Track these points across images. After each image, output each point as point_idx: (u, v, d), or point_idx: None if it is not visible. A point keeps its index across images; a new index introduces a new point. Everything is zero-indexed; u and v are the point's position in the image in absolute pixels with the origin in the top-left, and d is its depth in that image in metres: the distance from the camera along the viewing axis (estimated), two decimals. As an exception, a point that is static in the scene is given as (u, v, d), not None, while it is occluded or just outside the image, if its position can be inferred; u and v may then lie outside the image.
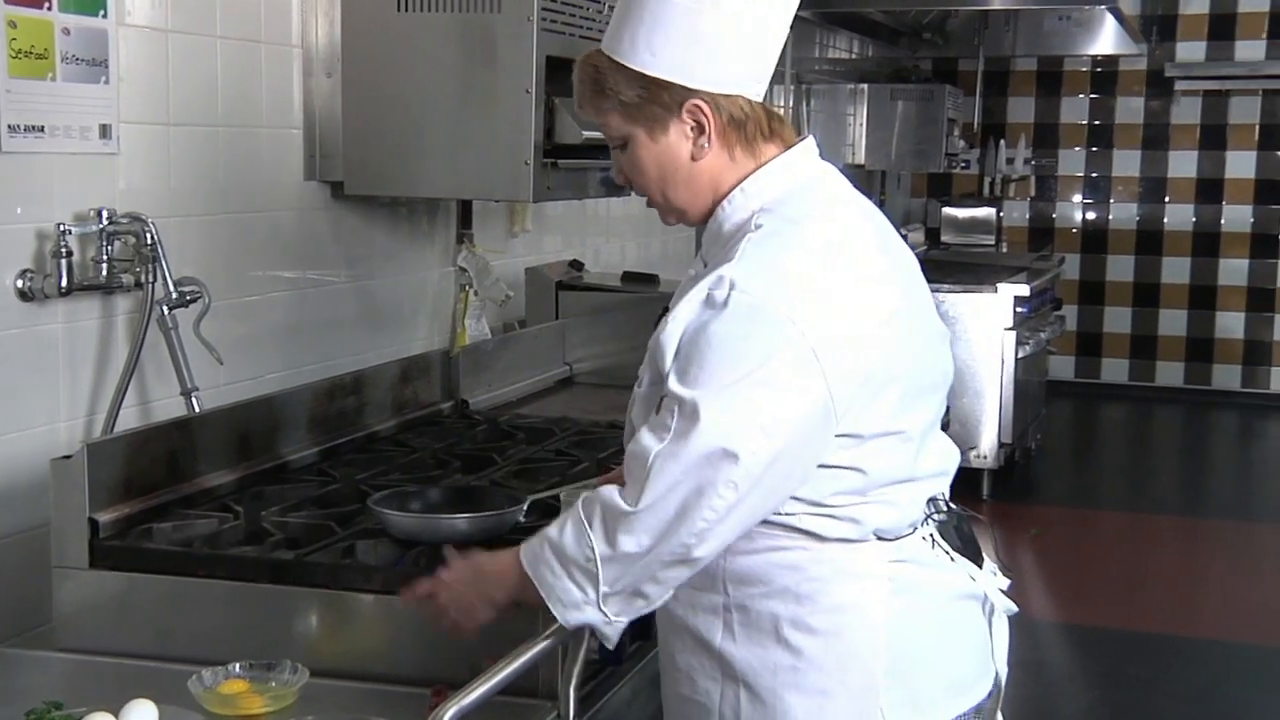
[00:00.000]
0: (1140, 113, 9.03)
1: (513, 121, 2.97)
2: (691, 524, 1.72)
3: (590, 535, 1.76)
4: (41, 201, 2.44)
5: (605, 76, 1.84)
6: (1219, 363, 9.02)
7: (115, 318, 2.61)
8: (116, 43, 2.57)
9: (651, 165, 1.86)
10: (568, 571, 1.78)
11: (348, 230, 3.28)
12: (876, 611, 1.84)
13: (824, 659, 1.83)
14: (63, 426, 2.52)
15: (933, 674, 1.89)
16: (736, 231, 1.83)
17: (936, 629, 1.90)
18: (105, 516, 2.25)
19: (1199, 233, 8.99)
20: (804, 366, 1.71)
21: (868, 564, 1.84)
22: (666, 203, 1.90)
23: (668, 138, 1.84)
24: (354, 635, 2.14)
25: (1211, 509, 6.90)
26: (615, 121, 1.86)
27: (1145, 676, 4.69)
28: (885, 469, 1.82)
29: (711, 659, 1.87)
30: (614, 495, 1.75)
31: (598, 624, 1.81)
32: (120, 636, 2.19)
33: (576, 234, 4.48)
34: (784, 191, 1.85)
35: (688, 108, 1.81)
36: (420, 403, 3.20)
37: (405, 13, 3.01)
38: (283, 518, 2.38)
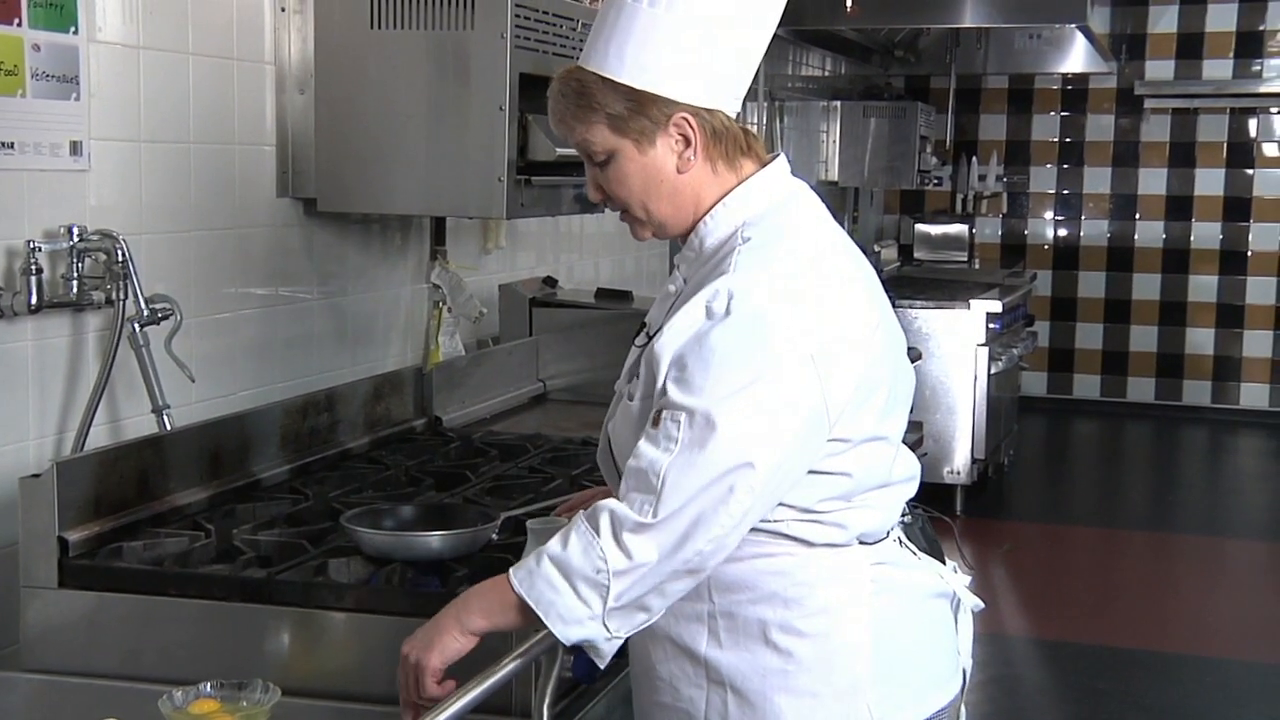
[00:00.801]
0: (1111, 130, 9.10)
1: (486, 138, 2.97)
2: (708, 532, 1.73)
3: (600, 547, 1.74)
4: (11, 218, 2.43)
5: (592, 90, 1.84)
6: (1189, 378, 9.07)
7: (85, 335, 2.60)
8: (88, 59, 2.56)
9: (637, 178, 1.87)
10: (572, 586, 1.75)
11: (320, 247, 3.27)
12: (861, 613, 1.88)
13: (812, 660, 1.86)
14: (32, 444, 2.50)
15: (914, 671, 1.94)
16: (721, 246, 1.86)
17: (915, 627, 1.96)
18: (75, 535, 2.24)
19: (1169, 249, 9.06)
20: (805, 374, 1.75)
21: (852, 567, 1.88)
22: (648, 216, 1.91)
23: (655, 150, 1.85)
24: (326, 654, 2.14)
25: (1182, 524, 6.94)
26: (601, 135, 1.86)
27: (1116, 691, 4.70)
28: (869, 474, 1.86)
29: (696, 666, 1.89)
30: (624, 508, 1.74)
31: (598, 640, 1.78)
32: (90, 656, 2.18)
33: (550, 250, 4.48)
34: (766, 206, 1.88)
35: (674, 121, 1.84)
36: (393, 420, 3.19)
37: (378, 29, 3.01)
38: (254, 536, 2.38)
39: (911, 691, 1.93)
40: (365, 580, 2.22)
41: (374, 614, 2.12)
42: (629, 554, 1.73)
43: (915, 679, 1.94)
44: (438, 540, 2.27)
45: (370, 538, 2.28)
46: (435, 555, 2.25)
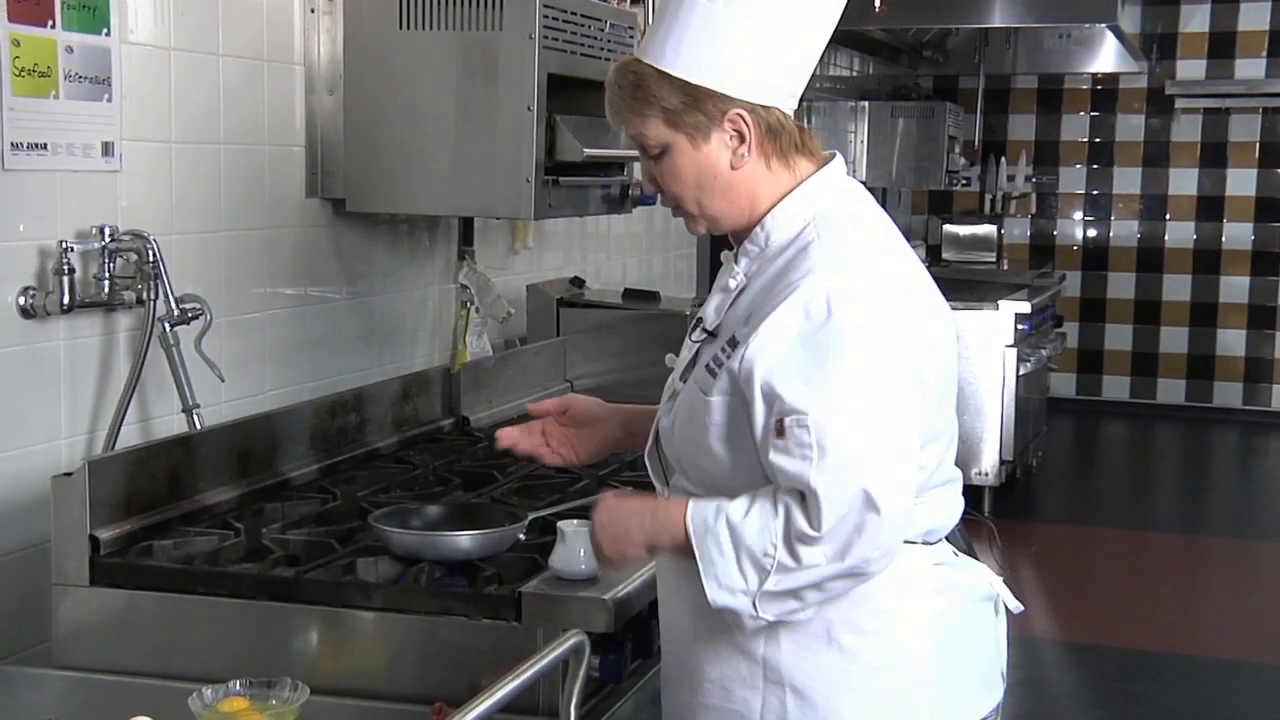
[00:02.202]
0: (1141, 130, 9.03)
1: (514, 139, 2.98)
2: (872, 540, 1.71)
3: (775, 534, 1.72)
4: (44, 219, 2.44)
5: (648, 83, 1.83)
6: (1220, 380, 9.00)
7: (117, 335, 2.62)
8: (119, 60, 2.57)
9: (690, 173, 1.86)
10: (737, 556, 1.74)
11: (349, 247, 3.29)
12: (923, 613, 1.88)
13: (876, 660, 1.85)
14: (64, 444, 2.52)
15: (969, 672, 1.95)
16: (790, 243, 1.85)
17: (971, 629, 1.96)
18: (106, 533, 2.25)
19: (1200, 250, 8.99)
20: (908, 370, 1.77)
21: (915, 567, 1.87)
22: (700, 210, 1.89)
23: (709, 145, 1.84)
24: (354, 653, 2.15)
25: (1212, 526, 6.89)
26: (655, 128, 1.85)
27: (1145, 694, 4.68)
28: (937, 470, 1.88)
29: (752, 666, 1.86)
30: (800, 513, 1.71)
31: (743, 615, 1.77)
32: (120, 654, 2.20)
33: (577, 251, 4.49)
34: (832, 203, 1.87)
35: (729, 116, 1.83)
36: (421, 420, 3.20)
37: (407, 30, 3.02)
38: (283, 535, 2.39)
39: (967, 692, 1.94)
40: (393, 580, 2.23)
41: (402, 613, 2.13)
42: (796, 556, 1.72)
43: (970, 680, 1.95)
44: (465, 540, 2.27)
45: (398, 537, 2.29)
46: (463, 555, 2.25)
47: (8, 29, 2.34)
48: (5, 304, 2.39)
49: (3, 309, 2.38)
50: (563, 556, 2.14)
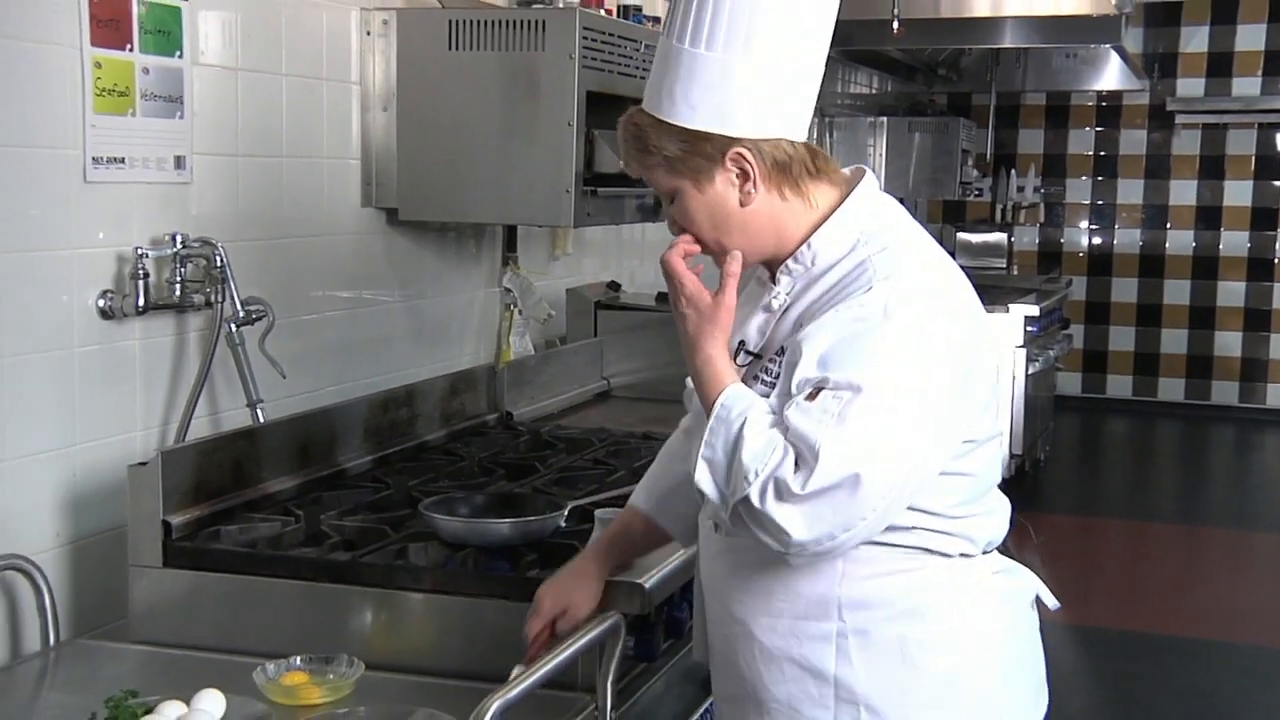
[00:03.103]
0: (1143, 144, 8.98)
1: (555, 152, 2.98)
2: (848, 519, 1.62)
3: (764, 465, 1.62)
4: (121, 227, 2.46)
5: (648, 134, 1.76)
6: (1218, 379, 8.95)
7: (187, 334, 2.63)
8: (191, 80, 2.59)
9: (702, 214, 1.78)
10: (730, 459, 1.65)
11: (401, 253, 3.29)
12: (990, 624, 1.82)
13: (948, 674, 1.78)
14: (139, 435, 2.53)
15: (1030, 676, 1.89)
16: (839, 261, 1.75)
17: (1028, 633, 1.90)
18: (177, 519, 2.27)
19: (1199, 257, 8.93)
20: (955, 375, 1.70)
21: (979, 577, 1.82)
22: (722, 249, 1.79)
23: (714, 187, 1.76)
24: (406, 631, 2.15)
25: (1210, 517, 6.84)
26: (661, 177, 1.78)
27: (1147, 675, 4.65)
28: (989, 473, 1.82)
29: (823, 686, 1.77)
30: (791, 466, 1.61)
31: (712, 509, 1.70)
32: (190, 630, 2.21)
33: (614, 257, 4.49)
34: (873, 219, 1.79)
35: (730, 156, 1.74)
36: (467, 414, 3.21)
37: (456, 52, 3.03)
38: (340, 521, 2.40)
39: (1029, 696, 1.88)
40: (441, 563, 2.23)
41: (449, 595, 2.14)
42: (768, 508, 1.61)
43: (1031, 683, 1.89)
44: (509, 527, 2.28)
45: (446, 524, 2.29)
46: (506, 541, 2.26)
47: (90, 52, 2.36)
48: (86, 306, 2.40)
49: (84, 311, 2.40)
50: (600, 543, 2.14)
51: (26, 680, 2.16)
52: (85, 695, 1.97)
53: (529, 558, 2.21)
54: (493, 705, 1.63)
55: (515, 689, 1.68)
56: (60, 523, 2.36)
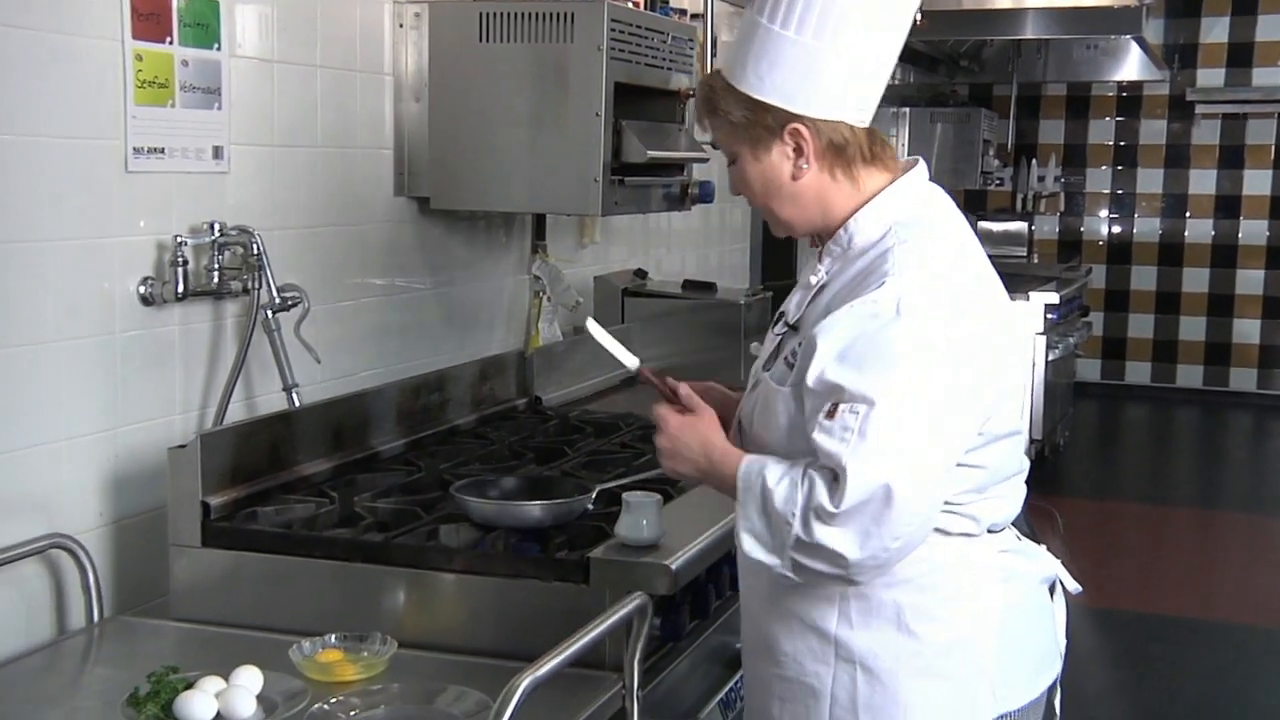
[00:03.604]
0: (1163, 134, 8.92)
1: (583, 142, 2.98)
2: (891, 529, 1.65)
3: (796, 504, 1.67)
4: (161, 216, 2.47)
5: (718, 96, 1.82)
6: (1235, 366, 8.89)
7: (225, 320, 2.64)
8: (228, 72, 2.59)
9: (756, 181, 1.84)
10: (767, 518, 1.71)
11: (433, 241, 3.30)
12: (989, 599, 1.83)
13: (943, 644, 1.80)
14: (178, 418, 2.55)
15: (1029, 654, 1.90)
16: (871, 245, 1.79)
17: (1032, 613, 1.91)
18: (216, 500, 2.28)
19: (1217, 245, 8.87)
20: (967, 374, 1.70)
21: (981, 556, 1.83)
22: (772, 215, 1.87)
23: (770, 157, 1.81)
24: (437, 611, 2.16)
25: (1227, 502, 6.81)
26: (724, 139, 1.85)
27: (1165, 656, 4.63)
28: (1003, 466, 1.82)
29: (824, 644, 1.82)
30: (823, 489, 1.66)
31: (775, 570, 1.73)
32: (229, 608, 2.22)
33: (640, 245, 4.48)
34: (913, 210, 1.81)
35: (789, 130, 1.78)
36: (497, 399, 3.21)
37: (486, 43, 3.02)
38: (373, 503, 2.40)
39: (1026, 673, 1.89)
40: (472, 545, 2.24)
41: (480, 575, 2.14)
42: (814, 534, 1.66)
43: (1030, 661, 1.90)
44: (538, 509, 2.28)
45: (477, 506, 2.30)
46: (536, 523, 2.26)
47: (132, 45, 2.36)
48: (127, 293, 2.42)
49: (125, 297, 2.41)
50: (627, 525, 2.14)
51: (72, 655, 2.18)
52: (128, 670, 1.98)
53: (558, 539, 2.21)
54: (523, 683, 1.63)
55: (545, 667, 1.68)
56: (103, 503, 2.38)
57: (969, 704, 1.82)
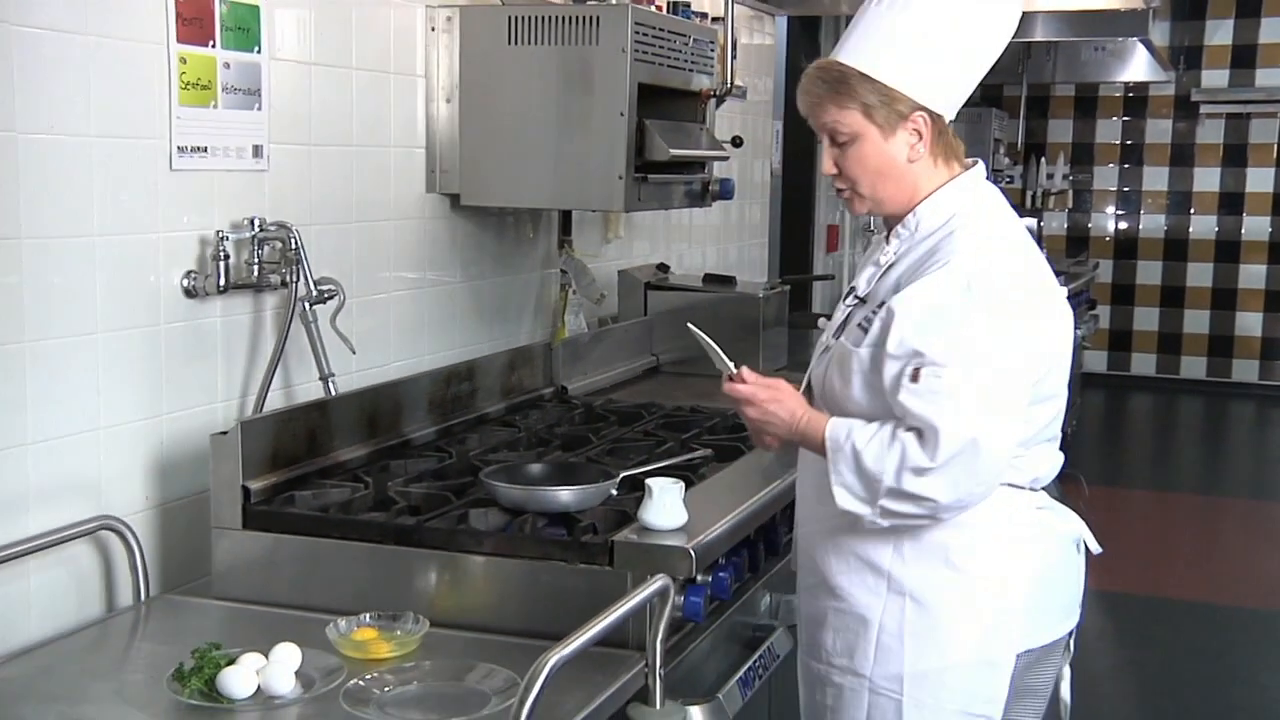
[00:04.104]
0: (1168, 133, 8.86)
1: (608, 141, 2.97)
2: (975, 476, 1.84)
3: (888, 463, 1.84)
4: (204, 212, 2.47)
5: (851, 81, 1.92)
6: (1238, 358, 8.84)
7: (264, 312, 2.65)
8: (268, 74, 2.60)
9: (874, 160, 1.95)
10: (859, 475, 1.87)
11: (463, 237, 3.30)
12: (1027, 546, 1.99)
13: (984, 583, 1.96)
14: (220, 406, 2.55)
15: (1053, 603, 2.05)
16: (936, 230, 1.95)
17: (1060, 566, 2.06)
18: (255, 484, 2.28)
19: (1221, 241, 8.82)
20: (1032, 340, 1.89)
21: (1022, 508, 1.99)
22: (872, 193, 1.98)
23: (894, 139, 1.94)
24: (467, 591, 2.16)
25: (1229, 488, 6.77)
26: (851, 119, 1.93)
27: (1169, 638, 4.61)
28: (1046, 426, 1.98)
29: (877, 577, 1.98)
30: (916, 448, 1.83)
31: (866, 518, 1.89)
32: (268, 588, 2.23)
33: (663, 240, 4.47)
34: (973, 200, 1.98)
35: (912, 117, 1.93)
36: (525, 388, 3.21)
37: (515, 46, 3.02)
38: (406, 488, 2.40)
39: (1050, 619, 2.04)
40: (501, 528, 2.24)
41: (508, 558, 2.14)
42: (912, 486, 1.83)
43: (1053, 610, 2.05)
44: (565, 494, 2.27)
45: (506, 491, 2.30)
46: (562, 507, 2.26)
47: (176, 49, 2.37)
48: (171, 286, 2.42)
49: (169, 290, 2.42)
50: (650, 510, 2.14)
51: (121, 632, 2.19)
52: (173, 646, 1.99)
53: (583, 523, 2.21)
54: (550, 661, 1.63)
55: (570, 646, 1.68)
56: (149, 487, 2.39)
57: (1001, 636, 1.97)
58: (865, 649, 1.99)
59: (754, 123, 5.06)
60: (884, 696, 1.97)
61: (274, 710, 1.82)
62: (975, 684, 1.97)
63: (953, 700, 1.96)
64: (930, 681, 1.96)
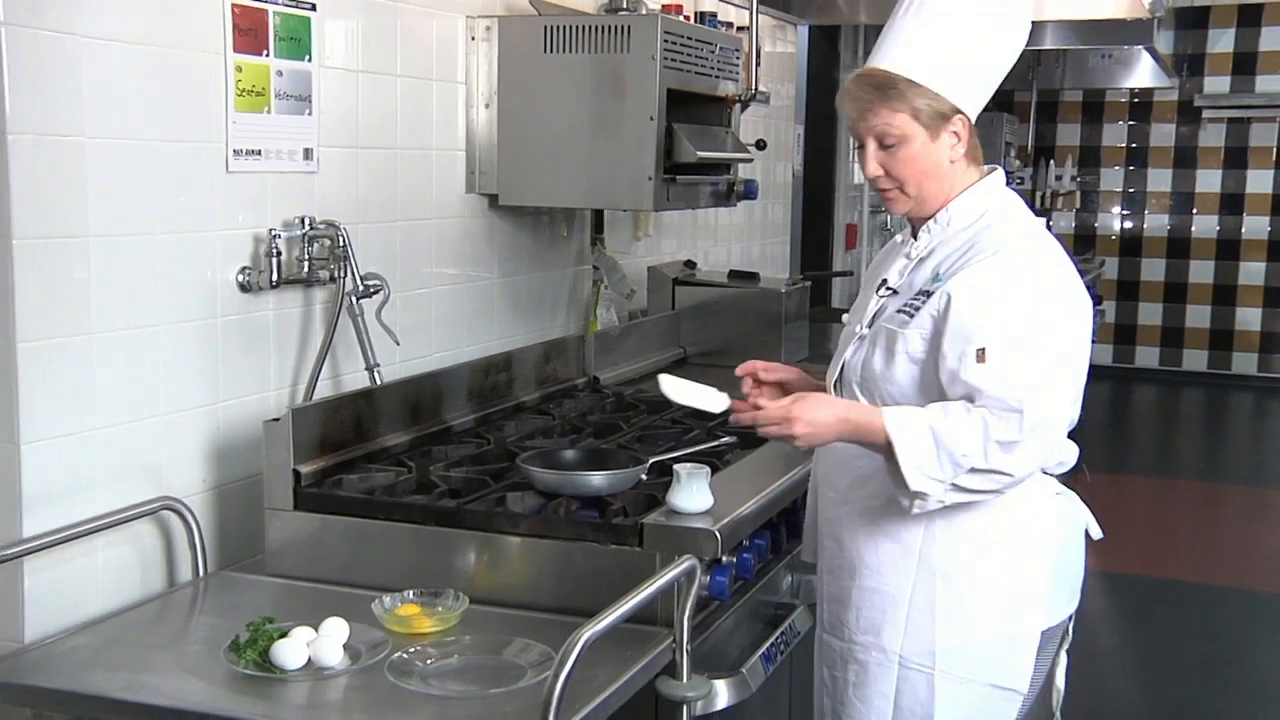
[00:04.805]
0: (1172, 137, 8.78)
1: (638, 143, 2.96)
2: (1046, 446, 1.88)
3: (971, 440, 1.83)
4: (257, 211, 2.48)
5: (901, 87, 1.93)
6: (1238, 351, 8.76)
7: (314, 306, 2.65)
8: (318, 81, 2.60)
9: (922, 160, 1.96)
10: (936, 452, 1.84)
11: (501, 235, 3.30)
12: (1045, 528, 2.01)
13: (1008, 562, 1.98)
14: (272, 394, 2.56)
15: (1068, 581, 2.08)
16: (968, 226, 1.97)
17: (1071, 548, 2.08)
18: (306, 468, 2.29)
19: (1222, 240, 8.74)
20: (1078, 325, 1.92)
21: (1041, 493, 2.01)
22: (918, 191, 1.98)
23: (939, 142, 1.96)
24: (505, 570, 2.16)
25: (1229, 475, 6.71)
26: (901, 122, 1.94)
27: (1169, 616, 4.58)
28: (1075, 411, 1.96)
29: (908, 557, 1.98)
30: (999, 424, 1.83)
31: (932, 497, 1.88)
32: (317, 566, 2.24)
33: (690, 238, 4.46)
34: (1000, 201, 2.01)
35: (954, 120, 1.95)
36: (559, 378, 3.21)
37: (550, 54, 3.01)
38: (447, 472, 2.41)
39: (1065, 594, 2.07)
40: (537, 510, 2.24)
41: (544, 539, 2.14)
42: (996, 460, 1.83)
43: (1066, 588, 2.07)
44: (597, 479, 2.28)
45: (541, 475, 2.30)
46: (595, 491, 2.26)
47: (233, 58, 2.38)
48: (227, 281, 2.43)
49: (225, 285, 2.43)
50: (678, 494, 2.14)
51: (181, 605, 2.21)
52: (230, 619, 2.01)
53: (614, 506, 2.21)
54: (583, 636, 1.63)
55: (603, 622, 1.68)
56: (207, 470, 2.40)
57: (1023, 614, 1.99)
58: (894, 626, 1.99)
59: (777, 126, 5.04)
60: (915, 670, 1.98)
61: (323, 680, 1.83)
62: (1003, 658, 1.98)
63: (983, 674, 1.98)
64: (961, 656, 1.97)
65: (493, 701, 1.76)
